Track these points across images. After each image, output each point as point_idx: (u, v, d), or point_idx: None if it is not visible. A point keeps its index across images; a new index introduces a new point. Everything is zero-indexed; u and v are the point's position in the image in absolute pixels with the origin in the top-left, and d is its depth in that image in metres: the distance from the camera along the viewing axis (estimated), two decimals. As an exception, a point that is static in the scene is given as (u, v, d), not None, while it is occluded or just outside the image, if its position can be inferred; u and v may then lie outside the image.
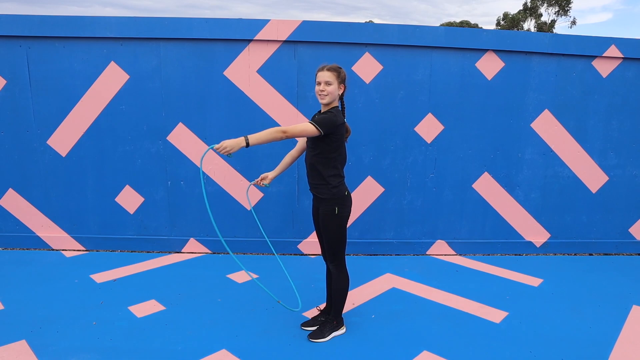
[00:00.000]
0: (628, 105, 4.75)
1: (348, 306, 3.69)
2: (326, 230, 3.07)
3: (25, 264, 4.41)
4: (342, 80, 2.97)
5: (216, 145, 2.62)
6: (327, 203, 3.02)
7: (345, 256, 3.22)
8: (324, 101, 2.96)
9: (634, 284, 4.30)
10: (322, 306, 3.55)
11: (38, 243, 4.77)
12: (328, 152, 2.94)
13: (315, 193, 3.09)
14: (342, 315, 3.35)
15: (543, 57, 4.60)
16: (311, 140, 2.98)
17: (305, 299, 3.78)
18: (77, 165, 4.61)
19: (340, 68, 3.00)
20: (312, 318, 3.44)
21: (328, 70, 2.94)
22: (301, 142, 3.25)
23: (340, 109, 3.05)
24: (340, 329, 3.32)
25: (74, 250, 4.78)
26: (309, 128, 2.80)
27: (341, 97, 3.06)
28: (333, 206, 3.01)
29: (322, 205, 3.05)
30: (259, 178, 3.28)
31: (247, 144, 2.63)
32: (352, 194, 4.66)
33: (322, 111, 3.05)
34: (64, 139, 4.55)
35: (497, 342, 3.26)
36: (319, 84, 2.94)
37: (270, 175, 3.27)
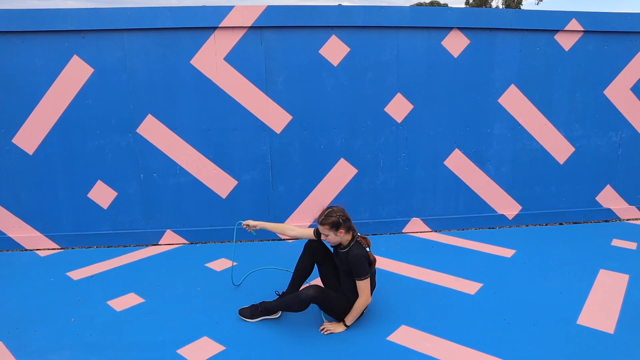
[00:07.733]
0: (590, 78, 4.88)
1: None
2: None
3: (-2, 265, 4.34)
4: (337, 228, 3.09)
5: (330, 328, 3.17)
6: None
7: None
8: (332, 244, 3.25)
9: (601, 249, 4.46)
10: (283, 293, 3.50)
11: (10, 244, 4.68)
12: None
13: None
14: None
15: (507, 33, 4.67)
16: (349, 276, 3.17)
17: (278, 284, 3.81)
18: (45, 163, 4.52)
19: (331, 218, 3.09)
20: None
21: (320, 224, 3.16)
22: (306, 234, 3.43)
23: (355, 241, 3.18)
24: (274, 314, 3.34)
25: (49, 249, 4.71)
26: (365, 284, 3.09)
27: (353, 232, 3.21)
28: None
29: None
30: (245, 223, 3.47)
31: (346, 325, 3.17)
32: (327, 176, 4.72)
33: (342, 245, 3.20)
34: (29, 136, 4.45)
35: (473, 313, 3.37)
36: None
37: (259, 225, 3.44)
